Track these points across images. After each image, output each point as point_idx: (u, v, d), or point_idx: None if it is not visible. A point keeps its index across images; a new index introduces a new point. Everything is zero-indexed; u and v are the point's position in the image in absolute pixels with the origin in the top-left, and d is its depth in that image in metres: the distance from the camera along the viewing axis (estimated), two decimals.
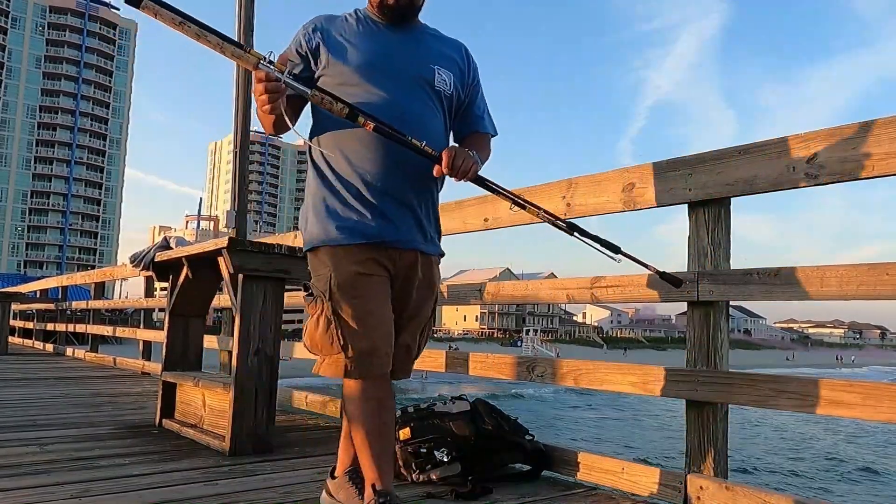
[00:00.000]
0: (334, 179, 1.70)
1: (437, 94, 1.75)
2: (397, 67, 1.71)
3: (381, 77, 1.69)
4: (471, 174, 1.62)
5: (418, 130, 1.63)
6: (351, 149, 1.68)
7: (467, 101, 1.86)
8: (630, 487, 2.13)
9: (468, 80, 1.85)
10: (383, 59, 1.71)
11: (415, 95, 1.71)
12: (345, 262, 1.65)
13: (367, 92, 1.67)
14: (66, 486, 2.10)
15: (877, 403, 1.63)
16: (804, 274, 1.81)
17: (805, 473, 12.90)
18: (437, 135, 1.74)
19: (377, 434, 1.67)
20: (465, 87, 1.85)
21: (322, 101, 1.53)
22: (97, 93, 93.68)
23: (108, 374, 6.47)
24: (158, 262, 3.53)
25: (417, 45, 1.77)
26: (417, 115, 1.70)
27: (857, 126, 1.72)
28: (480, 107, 1.90)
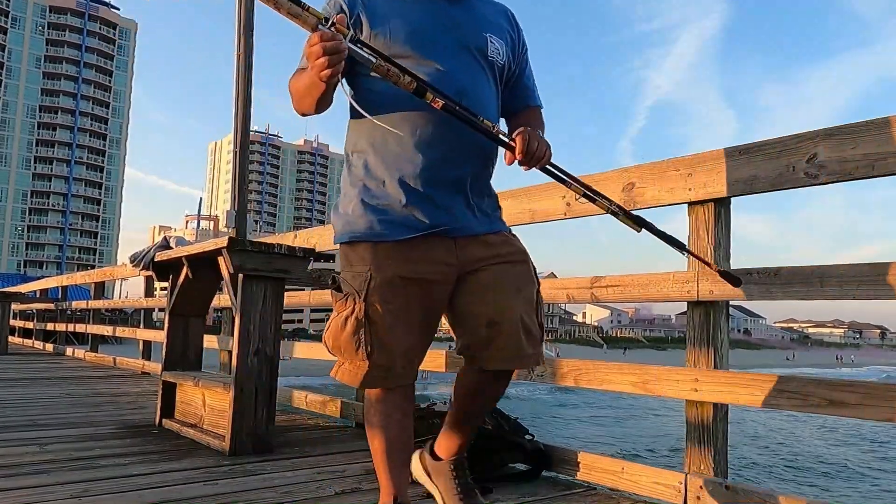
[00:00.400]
0: (376, 166, 1.53)
1: (490, 65, 1.59)
2: (449, 37, 1.54)
3: (432, 48, 1.51)
4: (545, 160, 1.46)
5: (476, 107, 1.48)
6: (401, 129, 1.50)
7: (517, 72, 1.70)
8: (630, 487, 2.13)
9: (518, 49, 1.69)
10: (433, 27, 1.54)
11: (470, 68, 1.54)
12: (388, 262, 1.50)
13: (419, 66, 1.48)
14: (66, 486, 2.10)
15: (877, 403, 1.63)
16: (804, 274, 1.80)
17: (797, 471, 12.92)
18: (493, 111, 1.59)
19: (399, 446, 1.60)
20: (516, 56, 1.68)
21: (388, 72, 1.33)
22: (97, 93, 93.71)
23: (108, 373, 6.47)
24: (158, 261, 3.53)
25: (467, 12, 1.59)
26: (475, 89, 1.53)
27: (857, 126, 1.72)
28: (530, 77, 1.74)
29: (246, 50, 4.17)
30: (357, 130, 1.59)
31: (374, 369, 1.50)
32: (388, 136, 1.50)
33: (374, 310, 1.49)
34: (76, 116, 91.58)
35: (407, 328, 1.52)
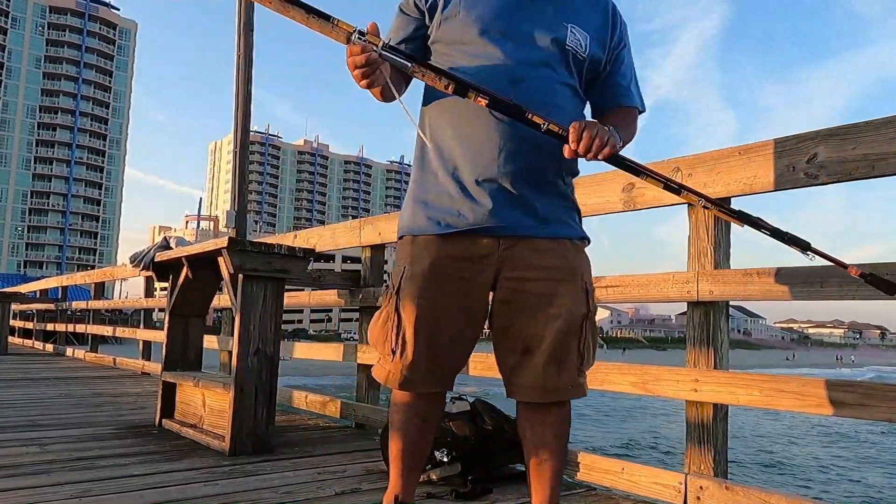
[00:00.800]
0: (432, 158, 1.49)
1: (566, 57, 1.48)
2: (526, 25, 1.46)
3: (500, 35, 1.45)
4: (604, 152, 1.31)
5: (541, 100, 1.39)
6: (454, 122, 1.46)
7: (609, 69, 1.57)
8: (629, 487, 2.13)
9: (611, 43, 1.56)
10: (510, 14, 1.46)
11: (538, 57, 1.45)
12: (424, 254, 1.45)
13: (482, 53, 1.44)
14: (66, 486, 2.10)
15: (876, 403, 1.63)
16: (804, 274, 1.80)
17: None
18: (565, 106, 1.47)
19: (414, 451, 1.55)
20: (607, 51, 1.55)
21: (424, 76, 1.31)
22: (97, 93, 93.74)
23: (108, 374, 6.47)
24: (158, 262, 3.53)
25: (554, 2, 1.50)
26: (537, 80, 1.44)
27: (857, 126, 1.72)
28: (626, 75, 1.60)
29: (246, 50, 4.17)
30: (422, 118, 1.55)
31: (399, 369, 1.45)
32: (444, 127, 1.48)
33: (404, 304, 1.44)
34: (76, 117, 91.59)
35: (437, 328, 1.44)
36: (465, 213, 1.42)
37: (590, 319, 1.47)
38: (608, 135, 1.32)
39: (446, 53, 1.48)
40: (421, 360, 1.44)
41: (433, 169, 1.48)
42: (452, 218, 1.43)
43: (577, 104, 1.53)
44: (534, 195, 1.45)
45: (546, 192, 1.47)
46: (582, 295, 1.46)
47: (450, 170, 1.45)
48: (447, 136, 1.47)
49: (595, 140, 1.30)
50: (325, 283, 3.78)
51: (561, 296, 1.43)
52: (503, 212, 1.42)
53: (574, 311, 1.44)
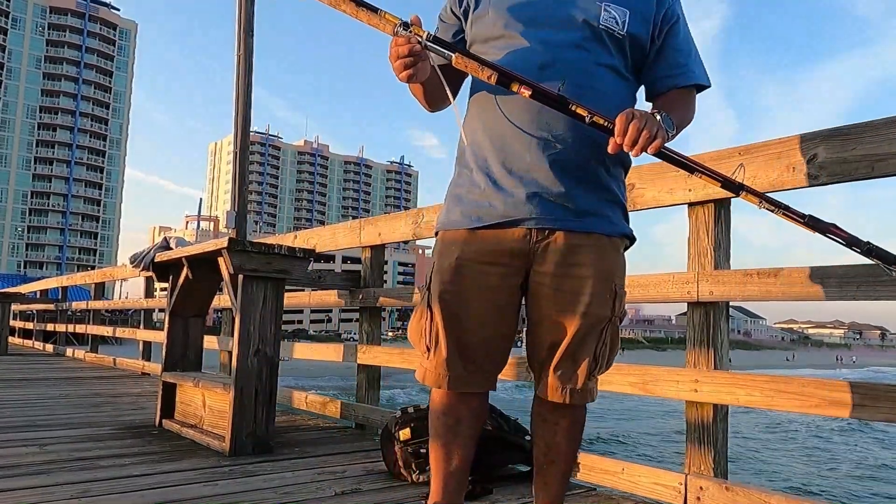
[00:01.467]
0: (468, 155, 1.46)
1: (604, 38, 1.39)
2: (551, 8, 1.40)
3: (528, 23, 1.40)
4: (654, 145, 1.23)
5: (575, 83, 1.33)
6: (484, 116, 1.43)
7: (660, 44, 1.46)
8: (630, 488, 2.13)
9: (657, 17, 1.44)
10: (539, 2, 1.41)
11: (570, 40, 1.38)
12: (452, 248, 1.42)
13: (511, 44, 1.40)
14: (66, 487, 2.10)
15: (877, 403, 1.63)
16: (804, 274, 1.80)
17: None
18: (603, 89, 1.39)
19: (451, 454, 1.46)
20: (654, 26, 1.44)
21: (467, 66, 1.28)
22: (97, 93, 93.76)
23: (108, 374, 6.46)
24: (158, 262, 3.53)
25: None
26: (572, 64, 1.37)
27: (858, 126, 1.72)
28: (682, 50, 1.47)
29: (246, 50, 4.17)
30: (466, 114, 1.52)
31: (434, 366, 1.42)
32: (481, 119, 1.44)
33: (434, 299, 1.41)
34: (76, 117, 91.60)
35: (467, 324, 1.39)
36: (496, 205, 1.38)
37: (612, 323, 1.41)
38: (657, 126, 1.24)
39: (482, 52, 1.42)
40: (454, 356, 1.40)
41: (468, 164, 1.45)
42: (483, 210, 1.39)
43: (621, 86, 1.43)
44: (571, 186, 1.37)
45: (585, 183, 1.39)
46: (609, 297, 1.40)
47: (481, 163, 1.42)
48: (479, 131, 1.44)
49: (643, 132, 1.22)
50: (325, 283, 3.78)
51: (587, 295, 1.37)
52: (536, 202, 1.36)
53: (597, 312, 1.38)
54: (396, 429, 2.31)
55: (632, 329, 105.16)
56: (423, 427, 2.31)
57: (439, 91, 1.39)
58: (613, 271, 1.42)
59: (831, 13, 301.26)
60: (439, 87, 1.36)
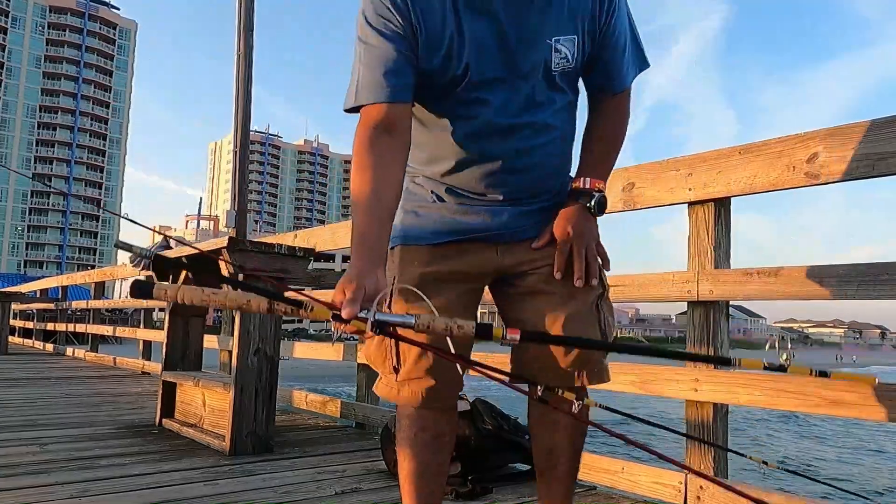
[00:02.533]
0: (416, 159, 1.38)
1: (556, 81, 1.28)
2: (512, 54, 1.23)
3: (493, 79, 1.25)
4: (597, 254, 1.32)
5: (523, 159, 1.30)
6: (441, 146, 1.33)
7: (598, 45, 1.29)
8: (629, 487, 2.13)
9: (600, 24, 1.27)
10: (482, 55, 1.23)
11: (531, 102, 1.28)
12: (414, 264, 1.34)
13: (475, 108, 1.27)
14: (66, 486, 2.10)
15: (877, 403, 1.63)
16: (804, 274, 1.80)
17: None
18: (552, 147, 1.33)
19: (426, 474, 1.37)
20: (597, 36, 1.27)
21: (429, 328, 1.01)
22: (97, 93, 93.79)
23: (108, 373, 6.47)
24: (158, 261, 3.52)
25: (531, 5, 1.22)
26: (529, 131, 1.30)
27: (858, 126, 1.71)
28: (619, 49, 1.31)
29: (246, 50, 4.18)
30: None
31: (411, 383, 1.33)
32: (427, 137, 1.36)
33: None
34: (76, 116, 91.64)
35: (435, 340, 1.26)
36: (458, 223, 1.34)
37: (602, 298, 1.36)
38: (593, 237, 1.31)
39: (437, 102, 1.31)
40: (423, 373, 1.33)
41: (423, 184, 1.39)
42: (442, 226, 1.35)
43: (572, 118, 1.37)
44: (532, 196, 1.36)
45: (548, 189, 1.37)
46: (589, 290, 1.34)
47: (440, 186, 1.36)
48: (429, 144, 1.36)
49: (588, 263, 1.30)
50: (324, 282, 3.78)
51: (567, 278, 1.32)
52: (497, 219, 1.34)
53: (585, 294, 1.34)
54: (396, 428, 2.31)
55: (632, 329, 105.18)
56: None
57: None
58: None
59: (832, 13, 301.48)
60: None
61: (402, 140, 1.23)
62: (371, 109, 1.21)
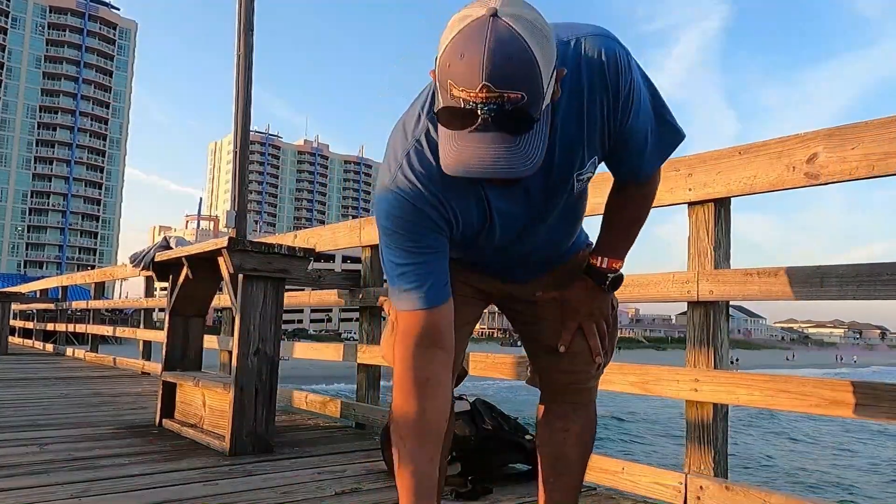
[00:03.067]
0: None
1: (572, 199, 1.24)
2: (522, 221, 1.22)
3: (490, 241, 1.23)
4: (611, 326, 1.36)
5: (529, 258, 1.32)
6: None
7: (617, 150, 1.20)
8: (630, 487, 2.13)
9: (617, 122, 1.14)
10: (506, 222, 1.20)
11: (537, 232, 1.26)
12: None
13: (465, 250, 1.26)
14: (66, 486, 2.10)
15: (877, 403, 1.63)
16: (804, 274, 1.80)
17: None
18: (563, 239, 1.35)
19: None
20: (615, 134, 1.16)
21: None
22: (97, 93, 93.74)
23: (108, 374, 6.47)
24: (158, 261, 3.53)
25: (552, 165, 1.14)
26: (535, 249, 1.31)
27: (857, 126, 1.71)
28: (639, 142, 1.19)
29: (246, 49, 4.17)
30: None
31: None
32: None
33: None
34: (76, 116, 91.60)
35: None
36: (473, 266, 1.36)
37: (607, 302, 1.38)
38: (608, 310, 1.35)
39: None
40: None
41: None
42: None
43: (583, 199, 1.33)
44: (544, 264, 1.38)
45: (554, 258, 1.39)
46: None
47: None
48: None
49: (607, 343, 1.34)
50: (324, 283, 3.78)
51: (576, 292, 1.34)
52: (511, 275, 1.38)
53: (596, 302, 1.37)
54: None
55: (631, 329, 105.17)
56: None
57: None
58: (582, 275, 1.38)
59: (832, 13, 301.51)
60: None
61: (444, 347, 1.16)
62: (409, 317, 1.15)
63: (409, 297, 1.14)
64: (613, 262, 1.32)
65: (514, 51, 0.88)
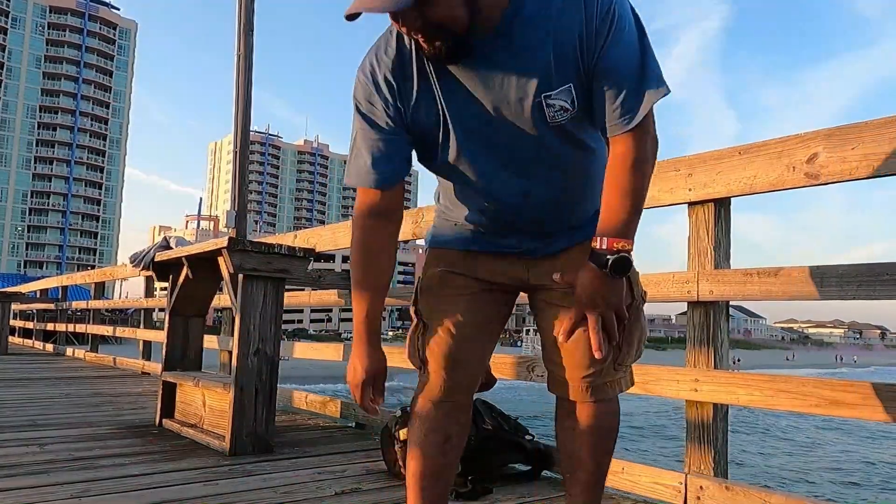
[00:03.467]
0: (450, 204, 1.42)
1: (564, 130, 1.21)
2: (487, 135, 1.22)
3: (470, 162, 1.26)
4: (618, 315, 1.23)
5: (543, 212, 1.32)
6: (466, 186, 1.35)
7: (594, 84, 1.15)
8: (630, 487, 2.13)
9: (594, 47, 1.12)
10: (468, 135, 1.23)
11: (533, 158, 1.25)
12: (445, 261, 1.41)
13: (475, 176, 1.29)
14: (66, 486, 2.10)
15: (877, 403, 1.63)
16: (804, 274, 1.80)
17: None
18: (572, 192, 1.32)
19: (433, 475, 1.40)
20: (592, 68, 1.14)
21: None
22: (97, 93, 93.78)
23: (108, 374, 6.46)
24: (158, 261, 3.53)
25: (511, 73, 1.15)
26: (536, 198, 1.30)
27: (858, 126, 1.71)
28: (618, 81, 1.14)
29: (246, 50, 4.18)
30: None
31: (428, 379, 1.37)
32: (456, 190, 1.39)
33: (425, 310, 1.40)
34: (76, 116, 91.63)
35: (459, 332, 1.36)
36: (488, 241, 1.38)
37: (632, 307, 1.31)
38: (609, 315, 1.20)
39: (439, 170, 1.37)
40: (448, 366, 1.36)
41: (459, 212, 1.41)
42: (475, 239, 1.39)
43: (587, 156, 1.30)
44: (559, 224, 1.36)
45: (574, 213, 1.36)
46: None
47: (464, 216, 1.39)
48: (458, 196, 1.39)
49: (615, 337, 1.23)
50: (324, 283, 3.78)
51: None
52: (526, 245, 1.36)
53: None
54: (396, 428, 2.31)
55: None
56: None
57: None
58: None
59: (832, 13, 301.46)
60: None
61: (390, 220, 1.34)
62: (362, 193, 1.32)
63: (360, 174, 1.29)
64: (614, 241, 1.17)
65: None
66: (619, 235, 1.18)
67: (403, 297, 3.46)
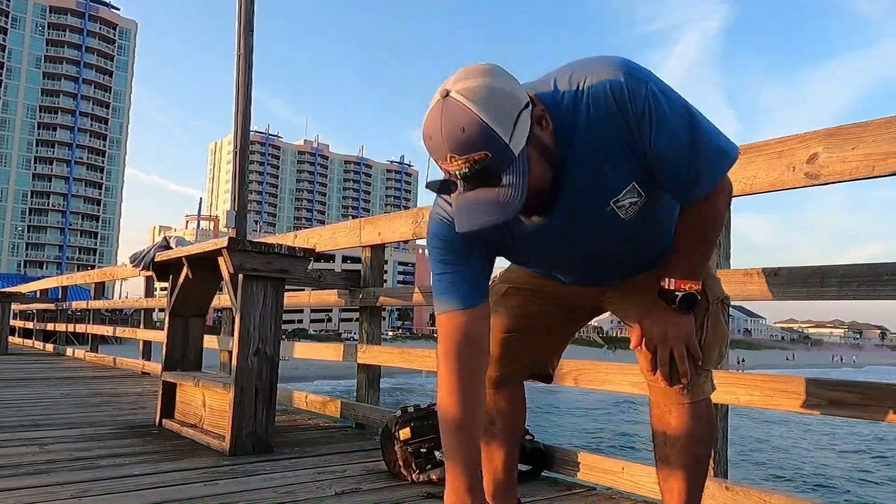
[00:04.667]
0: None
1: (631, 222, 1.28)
2: (561, 255, 1.39)
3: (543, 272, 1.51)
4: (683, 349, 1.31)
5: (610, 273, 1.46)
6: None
7: (659, 175, 1.23)
8: (630, 487, 2.13)
9: (643, 144, 1.18)
10: (550, 255, 1.40)
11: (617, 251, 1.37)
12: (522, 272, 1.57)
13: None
14: (66, 486, 2.10)
15: (877, 403, 1.63)
16: (804, 274, 1.80)
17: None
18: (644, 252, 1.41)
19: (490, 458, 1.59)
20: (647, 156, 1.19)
21: None
22: (97, 93, 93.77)
23: (108, 374, 6.47)
24: (158, 261, 3.53)
25: (577, 201, 1.25)
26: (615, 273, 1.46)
27: (858, 126, 1.71)
28: (676, 167, 1.20)
29: (246, 50, 4.17)
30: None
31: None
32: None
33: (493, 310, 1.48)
34: (76, 116, 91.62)
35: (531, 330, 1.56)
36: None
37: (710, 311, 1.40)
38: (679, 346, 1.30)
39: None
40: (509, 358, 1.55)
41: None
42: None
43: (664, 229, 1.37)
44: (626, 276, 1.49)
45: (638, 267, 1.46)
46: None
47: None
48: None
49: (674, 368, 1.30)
50: (324, 282, 3.78)
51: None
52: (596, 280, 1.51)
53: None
54: (396, 428, 2.31)
55: None
56: (422, 427, 2.31)
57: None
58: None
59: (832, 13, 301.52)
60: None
61: (480, 345, 1.34)
62: (445, 318, 1.33)
63: (442, 302, 1.33)
64: (682, 283, 1.30)
65: (465, 121, 1.05)
66: (684, 278, 1.31)
67: (404, 298, 3.46)
